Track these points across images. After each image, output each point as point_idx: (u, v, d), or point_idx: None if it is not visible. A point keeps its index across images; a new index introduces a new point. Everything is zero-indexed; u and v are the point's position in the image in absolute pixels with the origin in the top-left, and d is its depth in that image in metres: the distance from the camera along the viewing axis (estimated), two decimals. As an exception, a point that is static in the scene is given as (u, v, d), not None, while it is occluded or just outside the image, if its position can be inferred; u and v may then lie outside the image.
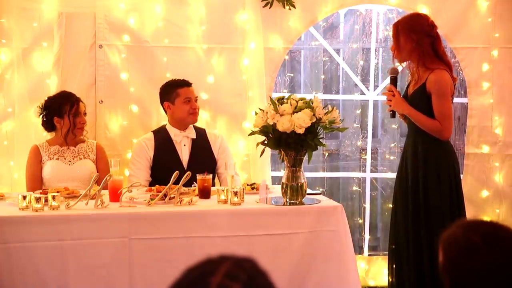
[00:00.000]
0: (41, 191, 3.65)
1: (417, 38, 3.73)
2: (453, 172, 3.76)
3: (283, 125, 3.34)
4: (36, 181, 4.08)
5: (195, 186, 3.70)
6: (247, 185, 3.91)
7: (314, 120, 3.38)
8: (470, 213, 4.46)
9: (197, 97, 4.29)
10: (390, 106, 3.85)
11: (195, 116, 4.25)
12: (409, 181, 3.77)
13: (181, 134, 4.26)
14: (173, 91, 4.23)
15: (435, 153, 3.74)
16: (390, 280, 3.93)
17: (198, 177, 3.65)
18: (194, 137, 4.27)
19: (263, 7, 4.55)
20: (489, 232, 1.67)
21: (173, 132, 4.26)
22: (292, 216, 3.46)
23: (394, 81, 3.89)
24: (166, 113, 4.30)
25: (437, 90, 3.70)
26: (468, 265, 1.64)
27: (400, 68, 4.11)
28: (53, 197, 3.30)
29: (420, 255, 3.72)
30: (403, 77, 4.70)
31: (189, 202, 3.46)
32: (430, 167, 3.72)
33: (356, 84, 5.16)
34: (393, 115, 3.91)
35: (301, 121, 3.33)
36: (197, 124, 4.36)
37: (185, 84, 4.25)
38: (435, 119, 3.70)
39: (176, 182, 3.41)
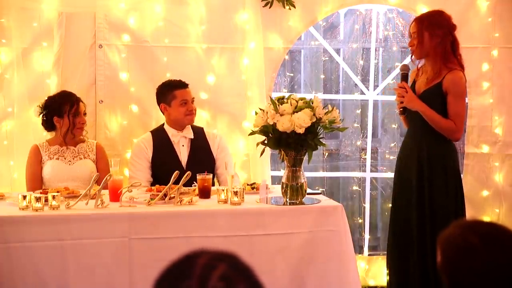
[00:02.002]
0: (41, 191, 3.65)
1: (442, 34, 3.71)
2: (457, 172, 3.77)
3: (283, 125, 3.34)
4: (36, 181, 4.08)
5: (195, 186, 3.70)
6: (247, 185, 3.91)
7: (314, 120, 3.38)
8: (470, 213, 4.46)
9: (193, 98, 4.27)
10: (402, 102, 3.79)
11: (191, 117, 4.24)
12: (413, 181, 3.76)
13: (178, 134, 4.25)
14: (169, 93, 4.22)
15: (443, 152, 3.74)
16: (389, 279, 3.93)
17: (198, 177, 3.64)
18: (192, 137, 4.26)
19: (263, 7, 4.55)
20: (488, 233, 1.68)
21: (170, 132, 4.25)
22: (292, 216, 3.46)
23: (405, 77, 3.84)
24: (163, 113, 4.30)
25: (456, 90, 3.69)
26: (466, 265, 1.64)
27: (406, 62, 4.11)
28: (53, 197, 3.30)
29: (424, 254, 3.71)
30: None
31: (189, 202, 3.46)
32: (437, 166, 3.72)
33: (356, 84, 5.16)
34: (403, 111, 3.84)
35: (301, 121, 3.33)
36: (197, 124, 4.35)
37: (182, 85, 4.24)
38: (448, 118, 3.70)
39: (176, 182, 3.41)
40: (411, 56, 3.87)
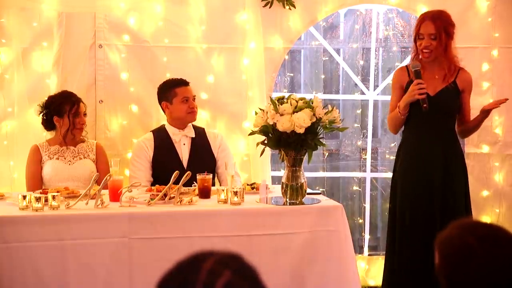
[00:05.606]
0: (41, 191, 3.65)
1: (453, 33, 3.76)
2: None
3: (283, 125, 3.34)
4: (36, 181, 4.08)
5: (195, 186, 3.70)
6: (247, 185, 3.91)
7: (314, 120, 3.38)
8: (470, 213, 4.47)
9: (195, 96, 4.28)
10: (424, 98, 3.66)
11: (193, 115, 4.24)
12: (435, 181, 3.74)
13: (180, 133, 4.25)
14: (170, 91, 4.23)
15: (461, 153, 3.84)
16: (390, 279, 3.90)
17: (198, 177, 3.64)
18: (193, 135, 4.27)
19: (263, 7, 4.55)
20: (485, 234, 1.68)
21: (171, 131, 4.25)
22: (292, 216, 3.46)
23: (419, 74, 3.73)
24: (164, 112, 4.30)
25: (471, 88, 3.83)
26: (463, 266, 1.64)
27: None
28: (53, 197, 3.30)
29: None
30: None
31: (189, 202, 3.46)
32: (459, 167, 3.77)
33: (356, 84, 5.16)
34: (427, 107, 3.71)
35: (301, 121, 3.33)
36: (197, 124, 4.36)
37: (183, 83, 4.25)
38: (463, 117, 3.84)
39: (176, 182, 3.41)
40: (416, 56, 3.79)
